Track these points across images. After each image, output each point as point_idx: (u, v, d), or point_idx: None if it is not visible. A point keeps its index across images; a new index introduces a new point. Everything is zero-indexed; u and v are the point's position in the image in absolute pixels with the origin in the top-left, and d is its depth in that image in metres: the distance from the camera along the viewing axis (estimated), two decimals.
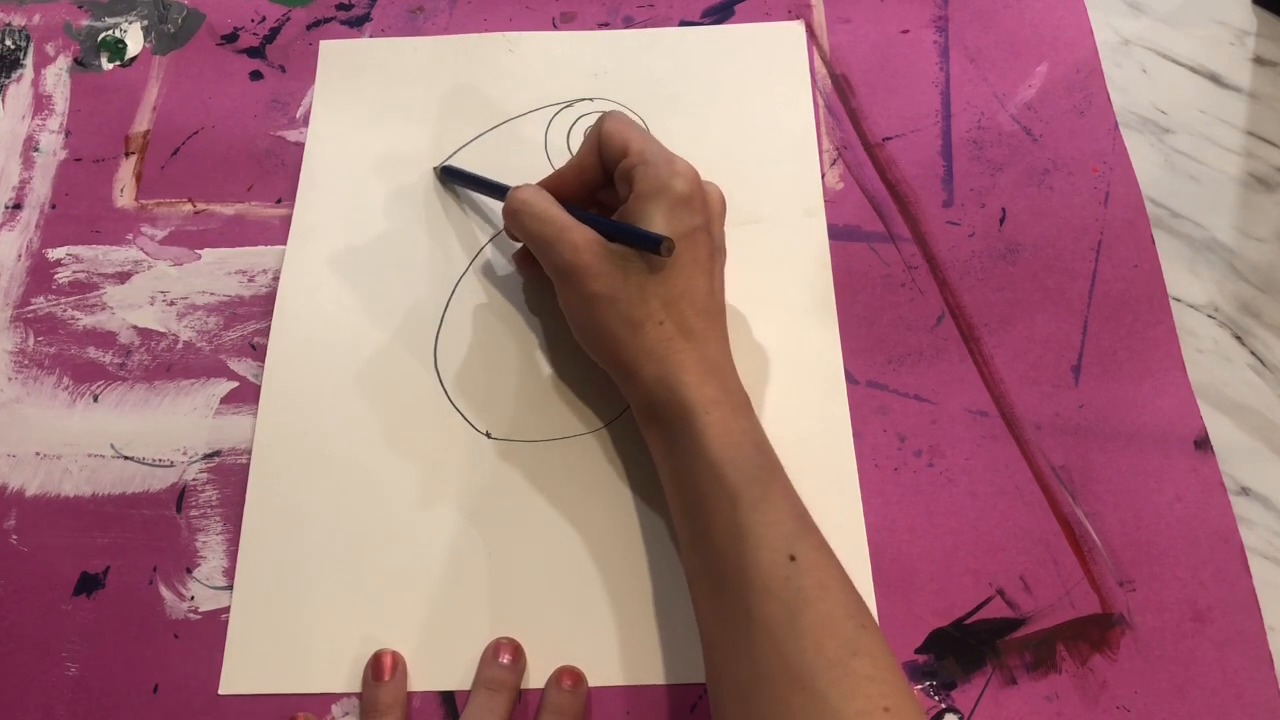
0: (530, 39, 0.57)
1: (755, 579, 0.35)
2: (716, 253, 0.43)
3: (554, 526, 0.44)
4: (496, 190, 0.49)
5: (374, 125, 0.54)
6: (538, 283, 0.49)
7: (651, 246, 0.40)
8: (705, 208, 0.42)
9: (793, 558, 0.36)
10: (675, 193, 0.41)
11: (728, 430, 0.39)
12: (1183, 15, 0.58)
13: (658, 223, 0.41)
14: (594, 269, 0.41)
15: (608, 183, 0.45)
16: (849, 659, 0.34)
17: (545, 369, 0.48)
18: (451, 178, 0.52)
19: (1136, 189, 0.52)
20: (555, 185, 0.46)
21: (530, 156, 0.53)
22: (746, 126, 0.54)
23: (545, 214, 0.43)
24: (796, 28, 0.57)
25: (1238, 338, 0.49)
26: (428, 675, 0.41)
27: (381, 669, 0.41)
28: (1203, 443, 0.45)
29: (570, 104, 0.55)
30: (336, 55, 0.56)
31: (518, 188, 0.45)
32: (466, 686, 0.41)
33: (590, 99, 0.55)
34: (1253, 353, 0.48)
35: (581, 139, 0.53)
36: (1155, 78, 0.56)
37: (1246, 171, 0.53)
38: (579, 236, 0.42)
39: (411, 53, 0.56)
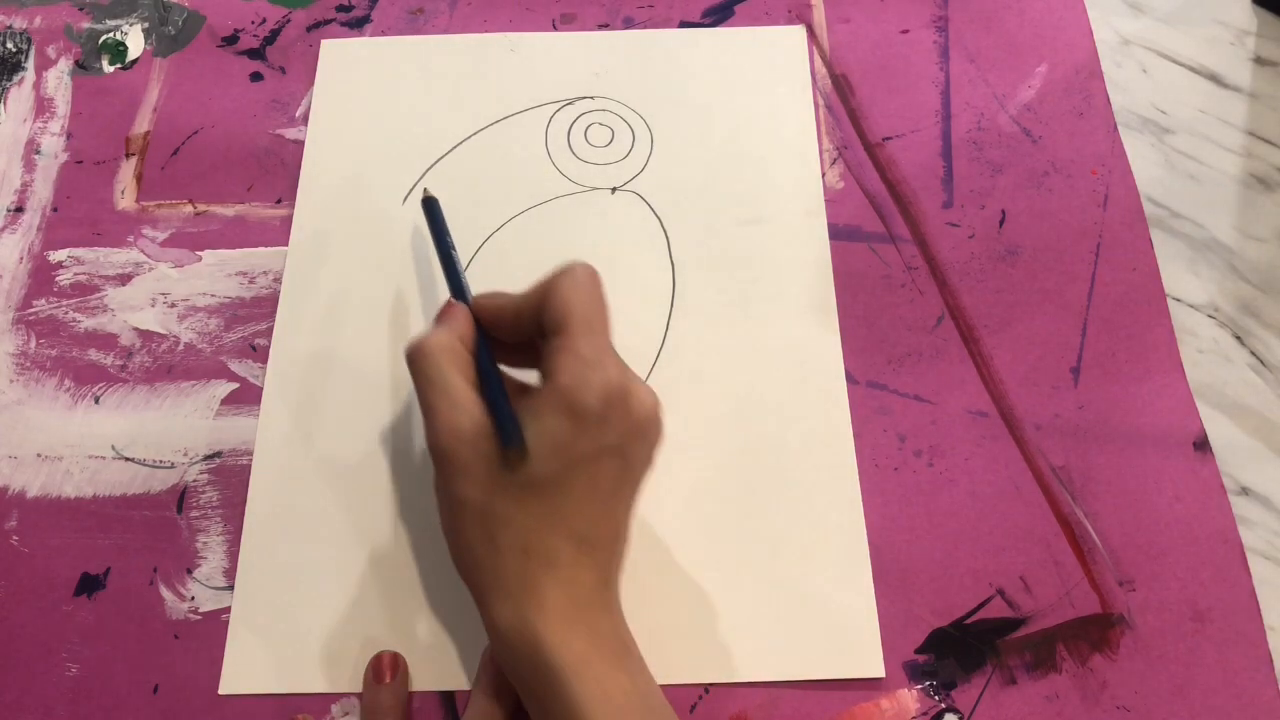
0: (531, 39, 0.57)
1: None
2: (627, 478, 0.36)
3: None
4: (450, 270, 0.42)
5: (374, 124, 0.54)
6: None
7: (504, 439, 0.34)
8: (622, 426, 0.35)
9: None
10: (579, 405, 0.34)
11: (606, 696, 0.32)
12: (1183, 15, 0.58)
13: (549, 430, 0.34)
14: (469, 467, 0.35)
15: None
16: None
17: None
18: (430, 217, 0.46)
19: (1135, 192, 0.52)
20: (492, 318, 0.39)
21: (530, 153, 0.53)
22: (747, 126, 0.54)
23: (438, 378, 0.36)
24: (797, 32, 0.57)
25: (1238, 338, 0.48)
26: (428, 675, 0.41)
27: (382, 671, 0.40)
28: (1202, 444, 0.45)
29: (571, 101, 0.55)
30: (338, 54, 0.56)
31: (423, 336, 0.37)
32: (466, 686, 0.41)
33: (591, 97, 0.55)
34: (1253, 353, 0.48)
35: (583, 139, 0.54)
36: (1155, 78, 0.56)
37: (1246, 171, 0.53)
38: (466, 420, 0.35)
39: (412, 52, 0.56)
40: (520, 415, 0.35)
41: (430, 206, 0.46)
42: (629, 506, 0.37)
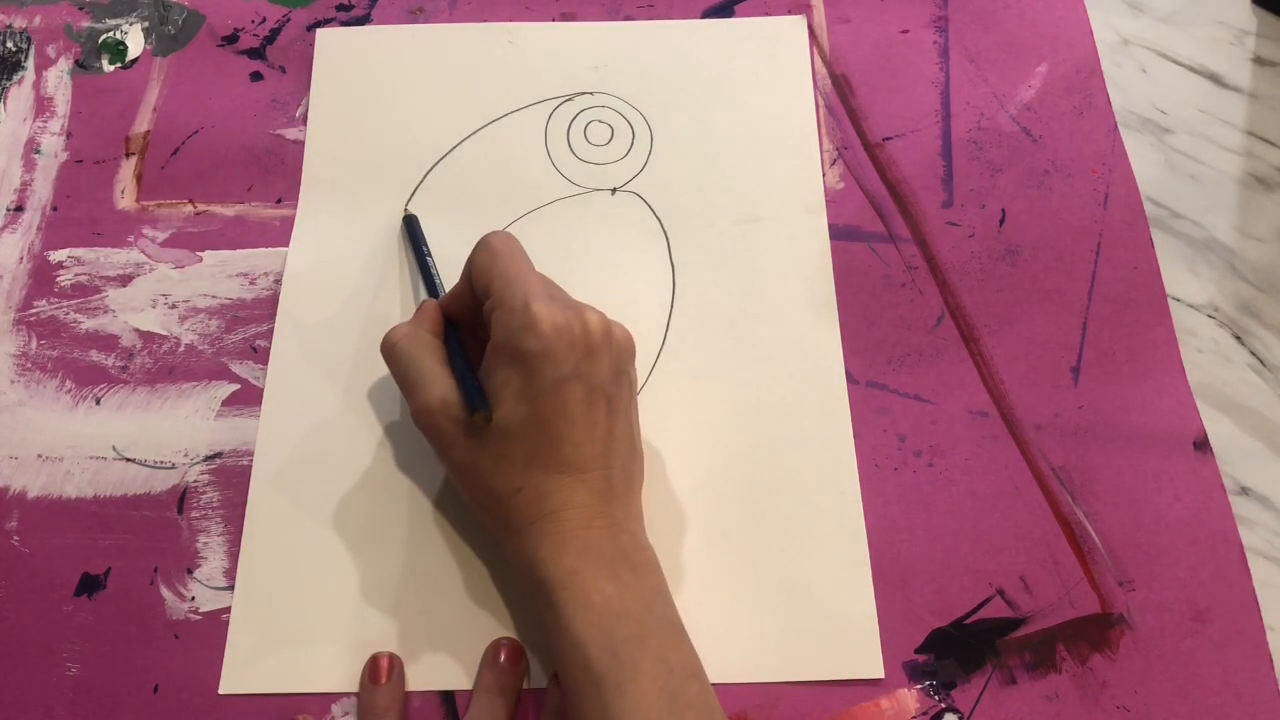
0: (529, 30, 0.57)
1: None
2: (596, 398, 0.38)
3: None
4: (426, 274, 0.48)
5: (373, 117, 0.54)
6: None
7: (470, 406, 0.38)
8: (570, 355, 0.38)
9: None
10: (519, 351, 0.37)
11: (587, 603, 0.36)
12: (1183, 15, 0.58)
13: (503, 383, 0.38)
14: (448, 433, 0.39)
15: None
16: None
17: None
18: (410, 232, 0.50)
19: (1135, 190, 0.52)
20: (449, 306, 0.43)
21: (530, 153, 0.53)
22: (747, 122, 0.54)
23: (407, 362, 0.40)
24: (798, 22, 0.57)
25: (1238, 338, 0.48)
26: (428, 675, 0.41)
27: (378, 671, 0.40)
28: (1202, 443, 0.45)
29: (570, 98, 0.55)
30: (334, 44, 0.56)
31: (398, 326, 0.42)
32: (466, 686, 0.41)
33: (590, 93, 0.55)
34: (1253, 353, 0.48)
35: (582, 137, 0.54)
36: (1155, 78, 0.56)
37: (1246, 171, 0.53)
38: (435, 396, 0.39)
39: (410, 42, 0.56)
40: (482, 380, 0.39)
41: (410, 223, 0.50)
42: (613, 424, 0.39)
